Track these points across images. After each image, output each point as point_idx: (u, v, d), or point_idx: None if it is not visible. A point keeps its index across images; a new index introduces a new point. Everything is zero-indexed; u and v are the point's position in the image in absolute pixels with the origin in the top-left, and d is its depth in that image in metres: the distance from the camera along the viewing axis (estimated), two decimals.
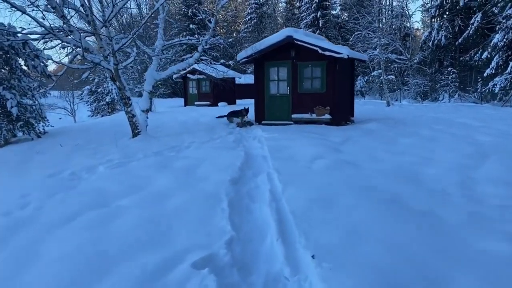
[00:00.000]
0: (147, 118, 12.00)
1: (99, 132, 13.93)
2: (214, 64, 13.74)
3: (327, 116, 12.61)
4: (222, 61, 16.13)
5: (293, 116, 13.21)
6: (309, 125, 12.60)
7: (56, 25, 10.13)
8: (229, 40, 44.93)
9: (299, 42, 12.38)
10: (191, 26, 48.34)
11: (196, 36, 12.59)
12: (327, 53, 12.11)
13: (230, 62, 14.52)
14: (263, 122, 13.63)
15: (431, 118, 14.50)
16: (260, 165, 7.08)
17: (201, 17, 45.43)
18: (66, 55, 11.40)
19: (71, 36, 10.24)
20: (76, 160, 8.46)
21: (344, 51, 12.08)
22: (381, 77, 26.57)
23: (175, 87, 53.59)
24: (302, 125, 12.75)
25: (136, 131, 11.43)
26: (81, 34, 10.39)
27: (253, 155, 7.95)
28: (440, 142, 8.83)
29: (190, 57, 12.75)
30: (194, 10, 49.50)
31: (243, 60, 13.23)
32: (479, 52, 29.09)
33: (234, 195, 5.17)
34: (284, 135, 10.08)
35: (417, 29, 52.54)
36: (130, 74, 23.00)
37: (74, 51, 10.61)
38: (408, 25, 40.54)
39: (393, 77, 32.30)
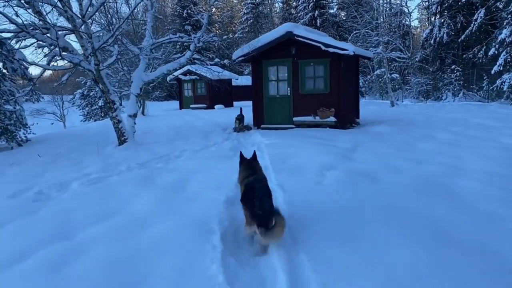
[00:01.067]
0: (135, 123, 10.94)
1: (86, 139, 12.86)
2: (209, 63, 12.69)
3: (332, 119, 11.58)
4: (216, 60, 14.99)
5: (295, 119, 12.18)
6: (312, 129, 11.56)
7: (30, 22, 9.09)
8: (224, 37, 43.54)
9: (300, 39, 11.36)
10: (186, 27, 47.43)
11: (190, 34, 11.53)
12: (330, 49, 11.09)
13: (225, 61, 13.45)
14: (262, 126, 12.59)
15: (443, 119, 13.49)
16: None
17: (196, 18, 44.45)
18: (45, 56, 10.35)
19: (48, 34, 9.20)
20: (50, 174, 7.39)
21: (349, 48, 11.07)
22: (385, 76, 25.55)
23: (171, 89, 52.53)
24: (305, 129, 11.72)
25: (123, 138, 10.37)
26: (59, 32, 9.34)
27: None
28: (463, 147, 7.80)
29: (182, 56, 11.72)
30: (189, 11, 48.48)
31: (240, 58, 12.19)
32: (483, 49, 28.19)
33: (229, 223, 4.12)
34: (286, 141, 9.05)
35: (415, 27, 51.66)
36: (122, 76, 21.92)
37: (52, 51, 9.55)
38: (408, 23, 39.67)
39: (397, 75, 31.22)
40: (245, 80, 36.94)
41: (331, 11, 47.92)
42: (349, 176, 5.65)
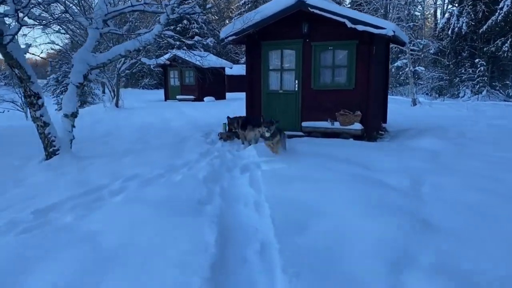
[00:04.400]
0: (74, 126, 7.54)
1: (19, 143, 9.43)
2: (188, 42, 9.30)
3: (357, 126, 8.22)
4: (197, 38, 11.47)
5: (304, 124, 8.81)
6: (329, 139, 8.22)
7: None
8: (207, 8, 38.87)
9: (316, 11, 7.95)
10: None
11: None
12: (360, 27, 7.71)
13: (209, 40, 10.34)
14: None
15: (497, 127, 10.19)
16: None
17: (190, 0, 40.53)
18: None
19: None
20: None
21: (387, 26, 7.71)
22: (406, 69, 22.17)
23: (162, 77, 48.89)
24: (319, 139, 8.39)
25: (51, 149, 6.99)
26: None
27: (236, 238, 3.52)
28: None
29: (148, 32, 8.31)
30: None
31: (230, 37, 8.74)
32: (508, 42, 25.02)
33: None
34: (297, 167, 5.67)
35: (425, 17, 48.08)
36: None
37: None
38: (420, 12, 36.26)
39: (422, 68, 27.65)
40: (240, 69, 33.39)
41: None
42: None
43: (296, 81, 8.88)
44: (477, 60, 26.13)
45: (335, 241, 3.29)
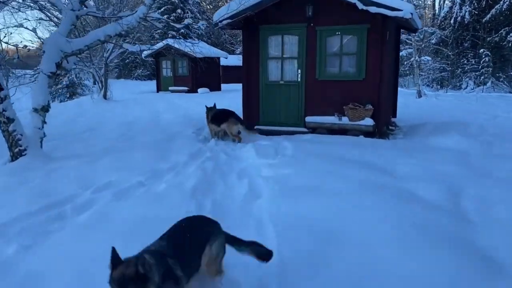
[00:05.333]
0: (45, 122, 6.55)
1: None
2: (178, 26, 8.33)
3: (368, 122, 7.27)
4: (187, 21, 10.43)
5: (308, 119, 7.85)
6: (337, 136, 7.29)
7: None
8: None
9: None
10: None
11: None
12: (373, 9, 6.73)
13: (200, 24, 9.41)
14: (256, 127, 8.23)
15: None
16: None
17: None
18: None
19: None
20: None
21: (404, 7, 6.73)
22: (412, 59, 21.21)
23: (155, 68, 47.56)
24: (324, 135, 7.46)
25: (16, 149, 6.01)
26: None
27: (232, 282, 2.58)
28: None
29: (131, 14, 7.29)
30: None
31: (225, 21, 7.71)
32: None
33: None
34: (306, 173, 4.73)
35: (425, 6, 47.09)
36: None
37: None
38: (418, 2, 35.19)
39: (428, 58, 26.65)
40: (236, 59, 32.29)
41: None
42: None
43: (299, 71, 7.90)
44: (481, 50, 25.20)
45: (367, 286, 2.38)
